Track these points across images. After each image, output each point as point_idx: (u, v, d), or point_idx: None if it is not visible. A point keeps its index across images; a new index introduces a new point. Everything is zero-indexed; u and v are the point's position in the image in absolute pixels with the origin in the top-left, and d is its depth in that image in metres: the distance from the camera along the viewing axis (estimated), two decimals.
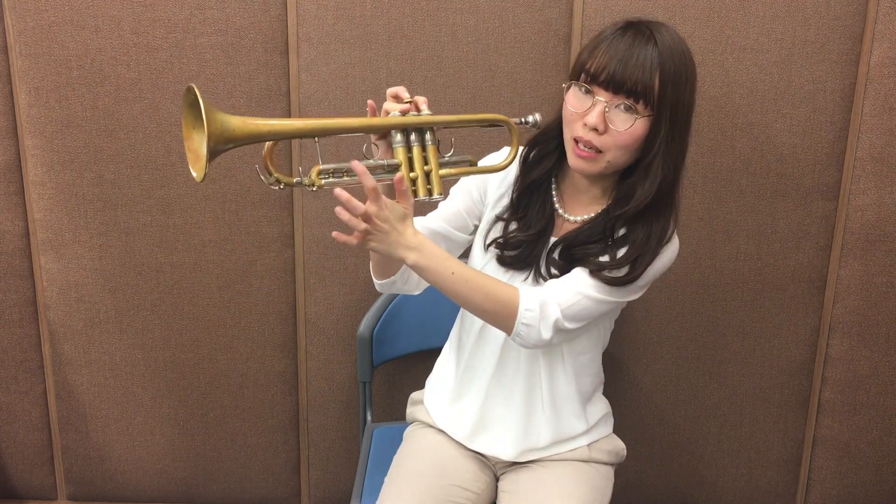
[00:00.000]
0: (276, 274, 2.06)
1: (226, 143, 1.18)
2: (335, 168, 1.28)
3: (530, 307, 1.39)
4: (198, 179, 1.19)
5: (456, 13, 1.87)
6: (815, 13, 1.85)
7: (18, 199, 2.03)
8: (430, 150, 1.33)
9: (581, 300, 1.42)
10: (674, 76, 1.34)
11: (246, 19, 1.89)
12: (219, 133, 1.16)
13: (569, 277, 1.44)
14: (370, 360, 1.94)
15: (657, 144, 1.37)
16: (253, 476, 2.22)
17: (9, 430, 2.21)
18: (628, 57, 1.33)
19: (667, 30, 1.37)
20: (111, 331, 2.10)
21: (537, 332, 1.40)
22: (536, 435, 1.59)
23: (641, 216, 1.41)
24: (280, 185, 1.27)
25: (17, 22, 1.89)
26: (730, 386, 2.12)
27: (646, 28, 1.36)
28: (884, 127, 1.91)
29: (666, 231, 1.44)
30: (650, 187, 1.38)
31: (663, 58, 1.33)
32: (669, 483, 2.21)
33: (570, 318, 1.42)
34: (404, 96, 1.32)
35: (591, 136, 1.37)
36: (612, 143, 1.37)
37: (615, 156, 1.38)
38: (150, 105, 1.94)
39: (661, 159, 1.37)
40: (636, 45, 1.34)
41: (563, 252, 1.47)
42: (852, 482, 2.18)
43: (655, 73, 1.33)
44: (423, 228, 1.51)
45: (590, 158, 1.39)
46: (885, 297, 2.03)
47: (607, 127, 1.36)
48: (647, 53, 1.33)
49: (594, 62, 1.36)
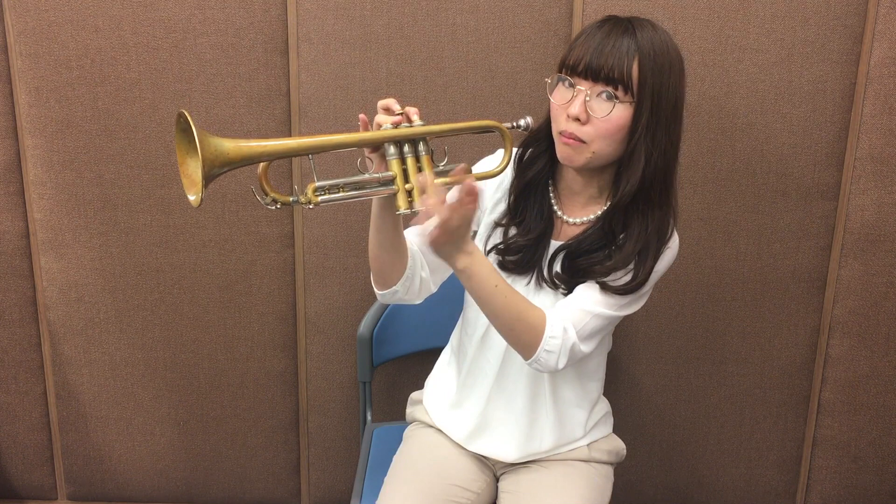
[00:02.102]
0: (276, 274, 2.06)
1: (221, 167, 1.18)
2: (331, 185, 1.28)
3: (554, 334, 1.39)
4: (195, 205, 1.19)
5: (456, 13, 1.87)
6: (815, 13, 1.85)
7: (18, 199, 2.03)
8: (424, 160, 1.31)
9: (591, 320, 1.42)
10: (654, 63, 1.35)
11: (246, 19, 1.89)
12: (213, 158, 1.16)
13: (577, 297, 1.44)
14: (370, 360, 1.94)
15: (639, 131, 1.37)
16: (253, 476, 2.22)
17: (9, 430, 2.21)
18: (604, 45, 1.34)
19: (650, 24, 1.38)
20: (111, 331, 2.10)
21: (556, 360, 1.41)
22: (539, 440, 1.59)
23: (636, 208, 1.41)
24: (277, 205, 1.27)
25: (17, 22, 1.89)
26: (730, 386, 2.12)
27: (626, 21, 1.38)
28: (884, 127, 1.91)
29: (665, 226, 1.43)
30: (636, 173, 1.38)
31: (641, 45, 1.34)
32: (669, 483, 2.21)
33: (584, 339, 1.43)
34: (395, 108, 1.31)
35: (574, 127, 1.37)
36: (595, 133, 1.37)
37: (599, 146, 1.38)
38: (150, 105, 1.94)
39: (645, 146, 1.37)
40: (613, 34, 1.35)
41: (565, 262, 1.46)
42: (852, 482, 2.18)
43: (633, 58, 1.34)
44: (419, 238, 1.50)
45: (574, 146, 1.38)
46: (885, 297, 2.03)
47: (589, 116, 1.36)
48: (623, 41, 1.34)
49: (573, 54, 1.37)
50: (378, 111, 1.32)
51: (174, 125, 1.19)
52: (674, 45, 1.40)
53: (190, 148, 1.18)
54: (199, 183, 1.16)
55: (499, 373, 1.57)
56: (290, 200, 1.27)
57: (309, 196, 1.26)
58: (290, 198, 1.27)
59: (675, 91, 1.39)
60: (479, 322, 1.57)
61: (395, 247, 1.41)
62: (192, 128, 1.14)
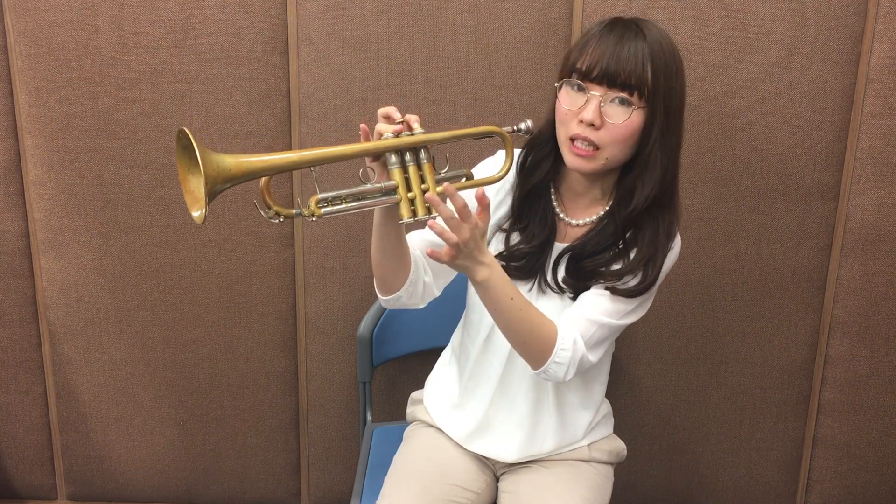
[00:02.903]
0: (276, 274, 2.06)
1: (223, 184, 1.18)
2: (333, 196, 1.28)
3: (565, 347, 1.39)
4: (198, 221, 1.19)
5: (456, 13, 1.87)
6: (815, 13, 1.85)
7: (18, 199, 2.03)
8: (425, 168, 1.30)
9: (598, 330, 1.43)
10: (665, 66, 1.36)
11: (246, 19, 1.89)
12: (215, 175, 1.16)
13: (584, 306, 1.43)
14: (370, 360, 1.94)
15: (653, 135, 1.37)
16: (253, 476, 2.22)
17: (9, 430, 2.21)
18: (620, 50, 1.34)
19: (652, 24, 1.39)
20: (111, 331, 2.10)
21: (564, 371, 1.40)
22: (541, 442, 1.59)
23: (648, 212, 1.41)
24: (280, 219, 1.27)
25: (17, 22, 1.89)
26: (730, 386, 2.12)
27: (632, 23, 1.38)
28: (884, 127, 1.91)
29: (672, 226, 1.44)
30: (653, 179, 1.39)
31: (653, 49, 1.35)
32: (669, 483, 2.21)
33: (591, 349, 1.43)
34: (396, 116, 1.30)
35: (588, 131, 1.36)
36: (610, 138, 1.37)
37: (613, 152, 1.38)
38: (150, 105, 1.94)
39: (660, 150, 1.38)
40: (626, 39, 1.35)
41: (570, 265, 1.46)
42: (852, 482, 2.18)
43: (647, 64, 1.34)
44: (424, 243, 1.49)
45: (588, 156, 1.38)
46: (885, 297, 2.03)
47: (604, 122, 1.36)
48: (637, 46, 1.34)
49: (585, 59, 1.36)
50: (378, 119, 1.32)
51: (174, 142, 1.19)
52: (675, 46, 1.41)
53: (191, 164, 1.18)
54: (203, 200, 1.16)
55: (502, 376, 1.56)
56: (293, 214, 1.27)
57: (312, 209, 1.26)
58: (293, 211, 1.27)
59: (681, 92, 1.40)
60: (483, 325, 1.56)
61: (397, 254, 1.41)
62: (193, 145, 1.13)
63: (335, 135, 1.94)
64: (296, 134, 1.96)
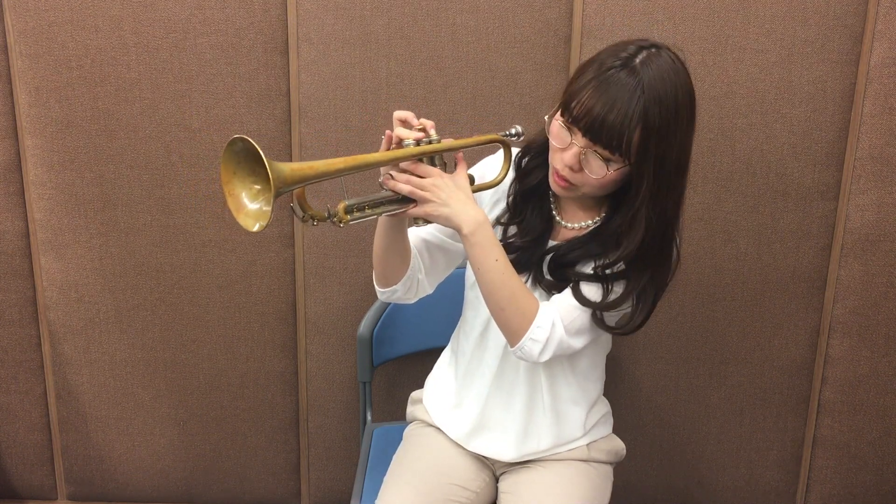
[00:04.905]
0: (276, 274, 2.06)
1: (282, 192, 1.20)
2: (358, 202, 1.32)
3: (542, 325, 1.40)
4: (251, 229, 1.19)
5: (456, 13, 1.87)
6: (815, 13, 1.85)
7: (18, 199, 2.03)
8: None
9: (580, 315, 1.43)
10: (659, 127, 1.29)
11: (246, 19, 1.89)
12: (280, 184, 1.18)
13: (569, 291, 1.44)
14: (370, 360, 1.94)
15: (641, 195, 1.34)
16: (253, 476, 2.22)
17: (9, 430, 2.21)
18: (608, 112, 1.28)
19: (664, 62, 1.30)
20: (111, 331, 2.10)
21: (539, 350, 1.41)
22: (537, 439, 1.59)
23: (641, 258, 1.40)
24: (314, 222, 1.31)
25: (17, 22, 1.89)
26: (730, 386, 2.12)
27: (637, 64, 1.29)
28: (884, 127, 1.91)
29: (664, 274, 1.43)
30: (634, 237, 1.37)
31: (648, 110, 1.27)
32: (669, 483, 2.21)
33: (573, 334, 1.43)
34: (414, 122, 1.34)
35: (567, 172, 1.37)
36: (585, 182, 1.37)
37: (590, 191, 1.39)
38: (150, 105, 1.94)
39: (647, 209, 1.35)
40: (619, 98, 1.27)
41: (551, 265, 1.47)
42: (852, 482, 2.18)
43: (636, 127, 1.28)
44: (417, 239, 1.52)
45: (566, 188, 1.40)
46: (885, 297, 2.03)
47: (581, 168, 1.36)
48: (630, 107, 1.27)
49: (579, 104, 1.31)
50: (395, 123, 1.35)
51: (224, 147, 1.18)
52: (684, 85, 1.32)
53: (240, 170, 1.19)
54: (259, 208, 1.19)
55: (496, 372, 1.57)
56: (325, 218, 1.31)
57: (340, 214, 1.31)
58: (326, 215, 1.31)
59: (680, 146, 1.34)
60: (477, 321, 1.58)
61: (399, 249, 1.45)
62: (261, 156, 1.14)
63: (335, 135, 1.94)
64: (296, 134, 1.96)
